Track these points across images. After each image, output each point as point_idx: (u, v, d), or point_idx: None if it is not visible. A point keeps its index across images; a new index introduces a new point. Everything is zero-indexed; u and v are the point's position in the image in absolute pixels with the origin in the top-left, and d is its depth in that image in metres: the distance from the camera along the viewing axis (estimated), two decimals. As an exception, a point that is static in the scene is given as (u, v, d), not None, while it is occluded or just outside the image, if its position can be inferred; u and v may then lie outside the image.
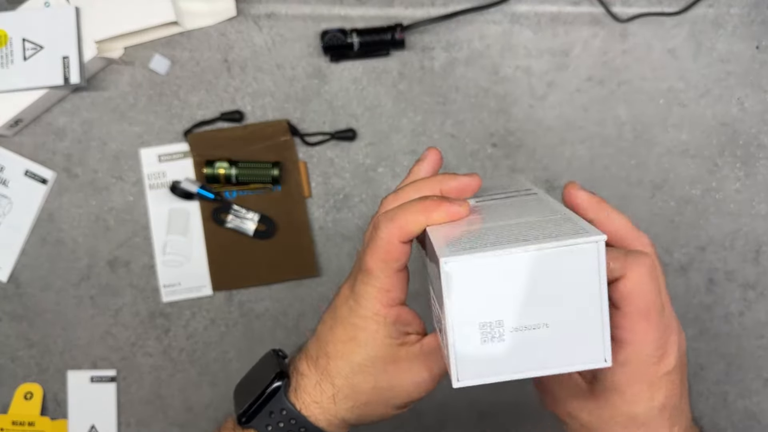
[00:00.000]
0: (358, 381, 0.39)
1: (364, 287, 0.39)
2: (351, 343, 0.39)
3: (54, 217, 0.75)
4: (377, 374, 0.39)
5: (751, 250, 0.73)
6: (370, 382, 0.39)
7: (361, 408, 0.40)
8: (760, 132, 0.73)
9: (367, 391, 0.40)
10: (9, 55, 0.70)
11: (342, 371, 0.40)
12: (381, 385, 0.39)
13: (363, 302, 0.39)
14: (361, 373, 0.39)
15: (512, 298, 0.32)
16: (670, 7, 0.72)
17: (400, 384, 0.39)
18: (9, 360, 0.76)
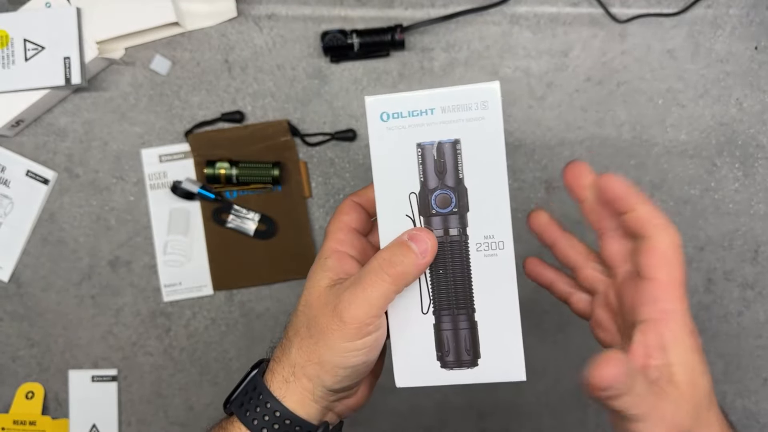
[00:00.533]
0: (296, 322, 0.41)
1: (321, 246, 0.42)
2: (300, 298, 0.41)
3: (55, 217, 0.75)
4: (306, 309, 0.40)
5: (750, 249, 0.73)
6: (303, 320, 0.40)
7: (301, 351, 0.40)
8: (758, 132, 0.73)
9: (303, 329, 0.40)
10: (10, 55, 0.71)
11: (292, 320, 0.41)
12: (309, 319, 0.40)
13: (317, 257, 0.42)
14: (299, 314, 0.41)
15: None
16: (668, 7, 0.73)
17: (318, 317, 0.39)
18: (10, 359, 0.76)
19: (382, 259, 0.38)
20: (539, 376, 0.75)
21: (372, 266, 0.38)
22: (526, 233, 0.49)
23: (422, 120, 0.39)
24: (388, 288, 0.38)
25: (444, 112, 0.39)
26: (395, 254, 0.38)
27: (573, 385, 0.75)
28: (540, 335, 0.75)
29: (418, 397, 0.75)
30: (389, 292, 0.38)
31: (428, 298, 0.40)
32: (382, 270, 0.38)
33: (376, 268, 0.38)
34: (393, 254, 0.38)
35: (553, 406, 0.75)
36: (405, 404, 0.75)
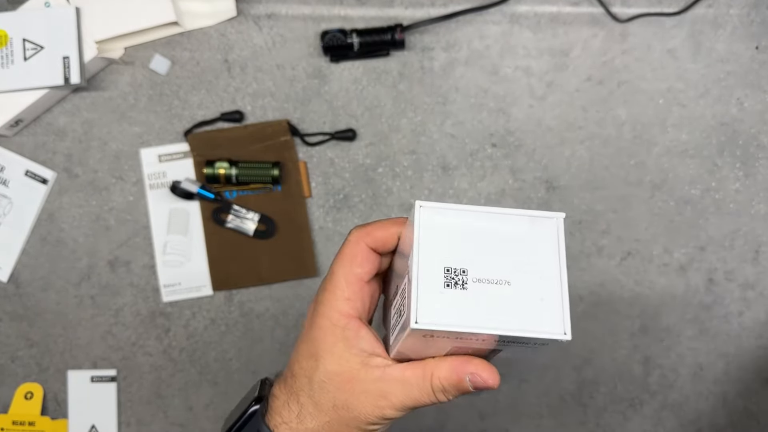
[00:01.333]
0: (318, 398, 0.38)
1: (324, 294, 0.39)
2: (311, 359, 0.39)
3: (54, 217, 0.75)
4: (335, 392, 0.38)
5: (751, 249, 0.73)
6: (329, 401, 0.38)
7: (325, 427, 0.39)
8: (759, 132, 0.73)
9: (327, 410, 0.38)
10: (9, 55, 0.70)
11: (304, 388, 0.39)
12: (339, 404, 0.38)
13: (322, 310, 0.38)
14: (321, 390, 0.38)
15: (477, 251, 0.33)
16: (669, 7, 0.73)
17: (357, 406, 0.38)
18: (9, 360, 0.76)
19: (439, 385, 0.36)
20: (539, 376, 0.75)
21: (426, 391, 0.37)
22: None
23: None
24: (430, 402, 0.37)
25: (497, 341, 0.34)
26: (451, 387, 0.36)
27: (573, 385, 0.75)
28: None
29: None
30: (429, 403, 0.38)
31: None
32: (433, 394, 0.37)
33: (428, 395, 0.37)
34: (450, 386, 0.36)
35: (553, 406, 0.75)
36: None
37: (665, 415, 0.75)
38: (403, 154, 0.74)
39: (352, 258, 0.38)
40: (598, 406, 0.75)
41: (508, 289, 0.32)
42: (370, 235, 0.38)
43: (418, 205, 0.33)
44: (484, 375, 0.35)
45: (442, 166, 0.73)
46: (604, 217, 0.74)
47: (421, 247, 0.33)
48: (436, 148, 0.74)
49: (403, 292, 0.35)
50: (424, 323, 0.31)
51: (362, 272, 0.38)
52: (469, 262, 0.33)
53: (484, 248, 0.33)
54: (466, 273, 0.33)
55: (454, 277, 0.33)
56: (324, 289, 0.39)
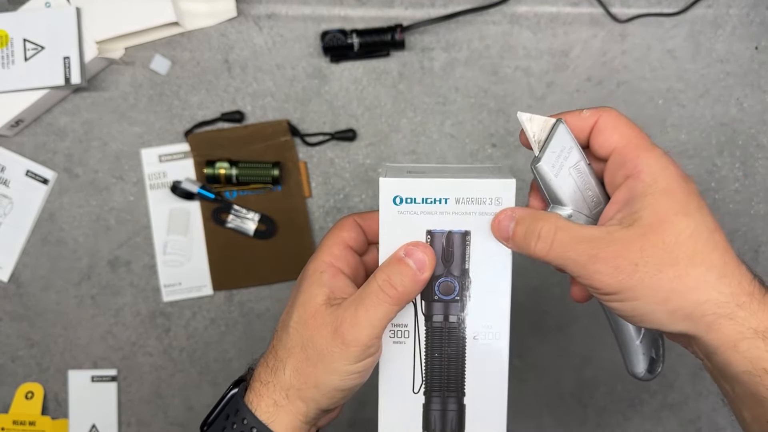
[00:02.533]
0: (288, 342, 0.39)
1: (313, 256, 0.41)
2: (289, 308, 0.40)
3: (55, 217, 0.75)
4: (301, 329, 0.39)
5: (750, 249, 0.73)
6: (297, 341, 0.39)
7: (297, 375, 0.39)
8: (759, 132, 0.73)
9: (297, 353, 0.39)
10: (10, 55, 0.71)
11: (282, 338, 0.40)
12: (305, 341, 0.39)
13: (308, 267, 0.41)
14: (292, 332, 0.39)
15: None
16: (669, 7, 0.73)
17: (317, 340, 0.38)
18: (10, 360, 0.76)
19: (382, 280, 0.38)
20: (539, 376, 0.75)
21: (372, 288, 0.38)
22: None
23: (435, 208, 0.39)
24: (389, 309, 0.38)
25: (458, 203, 0.39)
26: (394, 273, 0.38)
27: (573, 385, 0.75)
28: (540, 335, 0.74)
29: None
30: (391, 312, 0.38)
31: (420, 378, 0.41)
32: (382, 291, 0.37)
33: (377, 290, 0.37)
34: (392, 273, 0.38)
35: (553, 406, 0.75)
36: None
37: (665, 415, 0.75)
38: (403, 154, 0.74)
39: (339, 226, 0.42)
40: (598, 406, 0.75)
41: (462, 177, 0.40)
42: (361, 215, 0.42)
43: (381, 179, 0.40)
44: (414, 250, 0.39)
45: (442, 166, 0.74)
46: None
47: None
48: (436, 148, 0.74)
49: None
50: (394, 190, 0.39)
51: (347, 236, 0.41)
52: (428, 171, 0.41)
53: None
54: (425, 173, 0.40)
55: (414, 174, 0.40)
56: (311, 259, 0.41)
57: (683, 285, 0.34)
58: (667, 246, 0.34)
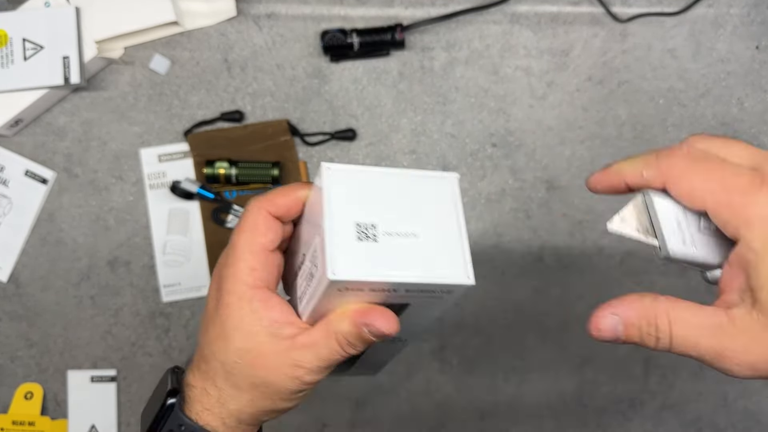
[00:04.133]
0: (234, 380, 0.37)
1: (227, 269, 0.37)
2: (219, 339, 0.37)
3: (54, 217, 0.75)
4: (249, 370, 0.36)
5: (751, 250, 0.73)
6: (246, 380, 0.37)
7: (249, 405, 0.38)
8: (760, 132, 0.73)
9: (246, 389, 0.37)
10: (9, 55, 0.70)
11: (219, 371, 0.37)
12: (257, 381, 0.37)
13: (227, 286, 0.37)
14: (235, 371, 0.37)
15: (384, 208, 0.35)
16: (669, 7, 0.72)
17: (274, 380, 0.36)
18: (9, 360, 0.76)
19: (345, 343, 0.35)
20: (539, 376, 0.75)
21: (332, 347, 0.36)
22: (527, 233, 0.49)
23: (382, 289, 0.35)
24: (342, 359, 0.37)
25: (407, 291, 0.35)
26: (354, 339, 0.35)
27: (573, 385, 0.75)
28: (540, 335, 0.74)
29: (418, 397, 0.75)
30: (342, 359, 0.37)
31: None
32: (342, 350, 0.36)
33: (336, 349, 0.36)
34: (352, 339, 0.35)
35: (553, 406, 0.75)
36: (406, 405, 0.75)
37: (665, 415, 0.75)
38: (403, 153, 0.74)
39: (254, 227, 0.37)
40: (598, 406, 0.75)
41: (416, 240, 0.35)
42: (271, 202, 0.37)
43: (325, 167, 0.35)
44: (380, 323, 0.34)
45: (442, 165, 0.73)
46: (604, 217, 0.73)
47: (332, 205, 0.34)
48: (436, 147, 0.73)
49: (314, 253, 0.35)
50: (340, 274, 0.32)
51: (266, 241, 0.37)
52: (378, 218, 0.34)
53: (391, 205, 0.35)
54: (375, 227, 0.34)
55: (365, 231, 0.34)
56: (226, 264, 0.37)
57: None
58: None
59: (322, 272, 0.33)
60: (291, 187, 0.38)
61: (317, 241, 0.35)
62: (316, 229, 0.35)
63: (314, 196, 0.37)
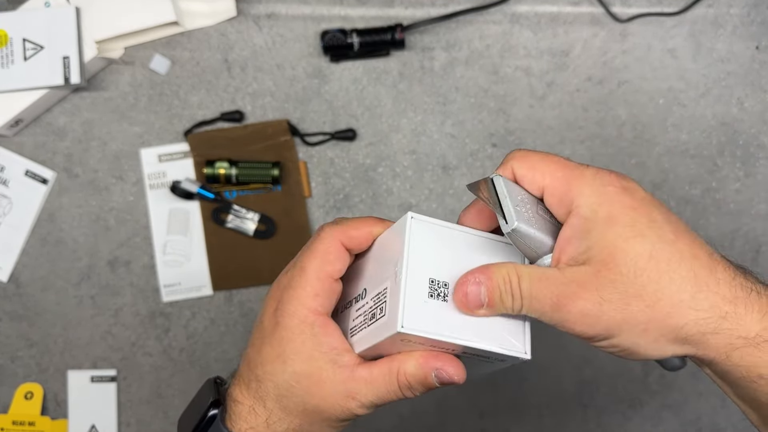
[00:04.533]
0: (286, 403, 0.37)
1: (292, 291, 0.37)
2: (277, 361, 0.37)
3: (54, 217, 0.75)
4: (303, 395, 0.37)
5: (751, 249, 0.73)
6: (298, 404, 0.37)
7: (296, 429, 0.38)
8: (759, 132, 0.73)
9: (297, 414, 0.37)
10: (9, 55, 0.70)
11: (271, 393, 0.38)
12: (308, 408, 0.37)
13: (289, 309, 0.37)
14: (289, 394, 0.37)
15: (458, 269, 0.35)
16: (669, 7, 0.73)
17: (326, 408, 0.37)
18: (9, 360, 0.76)
19: (406, 387, 0.36)
20: (539, 376, 0.75)
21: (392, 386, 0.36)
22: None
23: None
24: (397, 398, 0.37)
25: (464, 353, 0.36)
26: (418, 384, 0.36)
27: (573, 385, 0.75)
28: (540, 335, 0.74)
29: (418, 397, 0.75)
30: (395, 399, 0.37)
31: None
32: (400, 392, 0.36)
33: (396, 390, 0.36)
34: (416, 384, 0.36)
35: (553, 406, 0.75)
36: (406, 404, 0.75)
37: (665, 415, 0.75)
38: (403, 153, 0.74)
39: (325, 254, 0.37)
40: (598, 406, 0.75)
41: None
42: (344, 233, 0.38)
43: (409, 216, 0.36)
44: (450, 371, 0.35)
45: (442, 166, 0.73)
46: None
47: (411, 258, 0.35)
48: (436, 148, 0.73)
49: (381, 295, 0.36)
50: (409, 328, 0.33)
51: (333, 270, 0.37)
52: (452, 277, 0.35)
53: (465, 266, 0.35)
54: (447, 286, 0.35)
55: (437, 289, 0.35)
56: (290, 286, 0.38)
57: (657, 313, 0.32)
58: (626, 278, 0.32)
59: (389, 320, 0.34)
60: (365, 222, 0.38)
61: (388, 285, 0.35)
62: (387, 271, 0.36)
63: (389, 238, 0.38)
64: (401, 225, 0.36)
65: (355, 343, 0.37)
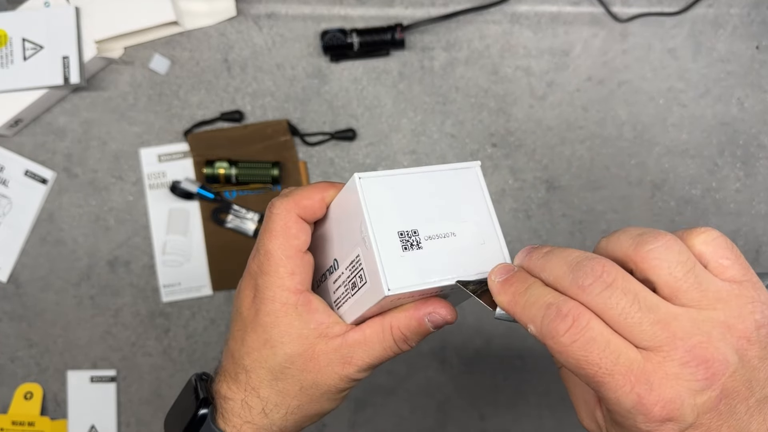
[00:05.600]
0: (282, 386, 0.37)
1: (266, 277, 0.36)
2: (265, 347, 0.37)
3: (54, 217, 0.75)
4: (299, 374, 0.37)
5: (751, 249, 0.73)
6: (295, 385, 0.37)
7: (295, 412, 0.38)
8: (760, 132, 0.73)
9: (295, 395, 0.37)
10: (9, 55, 0.70)
11: (264, 380, 0.37)
12: (306, 384, 0.37)
13: (268, 294, 0.36)
14: (284, 377, 0.37)
15: (420, 211, 0.35)
16: (670, 7, 0.73)
17: (324, 380, 0.37)
18: (9, 360, 0.76)
19: (401, 339, 0.36)
20: (539, 376, 0.75)
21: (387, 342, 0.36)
22: (527, 233, 0.49)
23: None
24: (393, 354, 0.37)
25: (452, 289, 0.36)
26: (413, 334, 0.36)
27: (574, 385, 0.75)
28: (540, 335, 0.74)
29: (418, 397, 0.75)
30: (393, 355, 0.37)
31: None
32: (396, 346, 0.36)
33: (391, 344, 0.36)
34: (411, 334, 0.36)
35: (553, 406, 0.75)
36: (406, 405, 0.75)
37: (666, 415, 0.75)
38: (403, 153, 0.74)
39: (285, 231, 0.36)
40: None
41: (455, 240, 0.35)
42: (297, 204, 0.37)
43: (357, 177, 0.35)
44: (442, 311, 0.35)
45: (442, 166, 0.73)
46: (604, 217, 0.73)
47: (373, 218, 0.34)
48: (436, 148, 0.73)
49: (356, 264, 0.35)
50: (395, 289, 0.33)
51: (299, 243, 0.36)
52: (417, 223, 0.35)
53: (425, 206, 0.35)
54: (417, 233, 0.34)
55: (408, 239, 0.34)
56: (262, 272, 0.37)
57: None
58: None
59: (373, 286, 0.34)
60: (314, 189, 0.37)
61: (360, 252, 0.35)
62: (353, 237, 0.35)
63: (344, 201, 0.37)
64: (351, 188, 0.35)
65: (344, 314, 0.37)
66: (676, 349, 0.27)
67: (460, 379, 0.75)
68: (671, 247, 0.28)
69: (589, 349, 0.27)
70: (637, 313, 0.27)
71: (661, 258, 0.28)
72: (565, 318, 0.28)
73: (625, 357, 0.27)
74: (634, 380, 0.27)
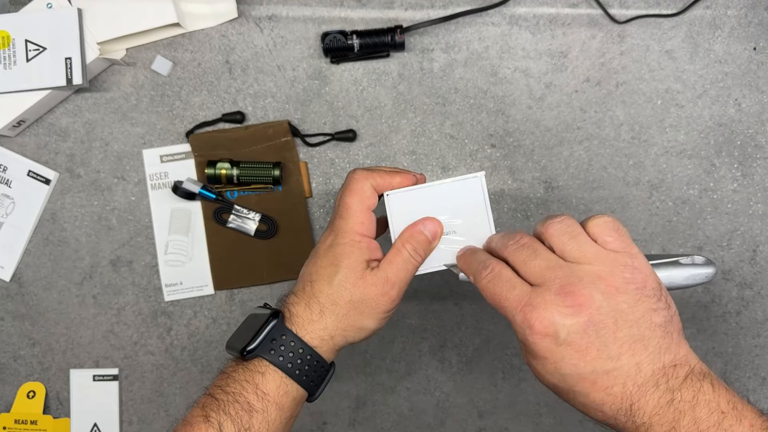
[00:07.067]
0: (337, 295, 0.49)
1: (343, 221, 0.51)
2: (331, 267, 0.50)
3: (57, 216, 0.75)
4: (351, 288, 0.49)
5: (748, 249, 0.74)
6: (346, 296, 0.49)
7: (343, 320, 0.49)
8: (757, 132, 0.73)
9: (344, 304, 0.49)
10: (12, 56, 0.71)
11: (324, 289, 0.49)
12: (354, 298, 0.49)
13: (342, 232, 0.50)
14: (339, 288, 0.49)
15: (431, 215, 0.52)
16: (667, 8, 0.73)
17: (369, 295, 0.49)
18: (12, 359, 0.76)
19: (412, 250, 0.50)
20: (538, 376, 0.75)
21: (404, 256, 0.50)
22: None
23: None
24: (415, 269, 0.51)
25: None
26: (419, 244, 0.51)
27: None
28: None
29: (418, 395, 0.76)
30: (415, 271, 0.51)
31: None
32: (412, 258, 0.50)
33: (408, 258, 0.50)
34: (417, 245, 0.51)
35: (552, 406, 0.76)
36: (405, 403, 0.76)
37: (663, 413, 0.75)
38: (403, 154, 0.74)
39: (361, 192, 0.51)
40: (597, 404, 0.75)
41: (455, 237, 0.52)
42: (373, 178, 0.51)
43: (386, 194, 0.52)
44: (429, 223, 0.51)
45: (441, 166, 0.74)
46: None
47: (395, 226, 0.52)
48: (435, 148, 0.74)
49: None
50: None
51: (371, 203, 0.51)
52: None
53: (435, 212, 0.52)
54: None
55: None
56: (341, 217, 0.51)
57: None
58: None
59: None
60: (390, 175, 0.52)
61: None
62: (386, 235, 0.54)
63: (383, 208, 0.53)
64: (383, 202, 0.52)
65: None
66: (555, 284, 0.41)
67: (458, 377, 0.76)
68: (563, 222, 0.44)
69: (498, 284, 0.43)
70: (534, 261, 0.43)
71: (555, 229, 0.43)
72: (486, 267, 0.45)
73: (519, 289, 0.42)
74: (524, 303, 0.41)
